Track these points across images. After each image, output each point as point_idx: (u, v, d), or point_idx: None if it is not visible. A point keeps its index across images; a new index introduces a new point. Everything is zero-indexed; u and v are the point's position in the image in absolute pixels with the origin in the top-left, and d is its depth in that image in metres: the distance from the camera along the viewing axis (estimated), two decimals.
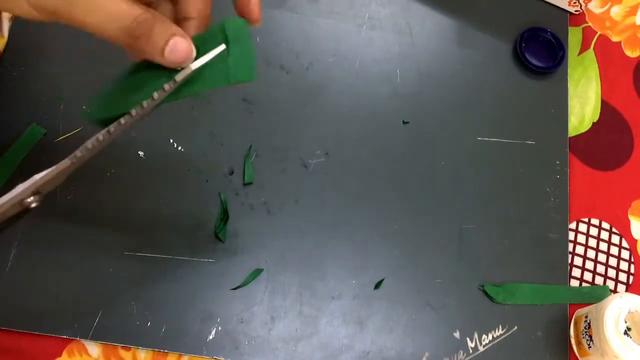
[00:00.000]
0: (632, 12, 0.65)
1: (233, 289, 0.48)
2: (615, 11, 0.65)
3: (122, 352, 0.47)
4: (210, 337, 0.47)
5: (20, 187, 0.32)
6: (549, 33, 0.61)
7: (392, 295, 0.50)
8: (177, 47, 0.27)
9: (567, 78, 0.61)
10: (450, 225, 0.53)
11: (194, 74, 0.29)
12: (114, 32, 0.26)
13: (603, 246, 0.55)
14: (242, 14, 0.31)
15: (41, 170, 0.32)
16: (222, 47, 0.30)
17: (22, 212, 0.33)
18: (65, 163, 0.32)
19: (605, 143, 0.59)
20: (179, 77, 0.29)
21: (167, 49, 0.27)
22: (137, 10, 0.26)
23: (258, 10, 0.31)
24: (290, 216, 0.51)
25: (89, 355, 0.46)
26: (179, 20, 0.31)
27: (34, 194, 0.32)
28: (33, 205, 0.32)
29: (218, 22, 0.31)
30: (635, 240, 0.56)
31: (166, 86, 0.29)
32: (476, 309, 0.51)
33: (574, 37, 0.63)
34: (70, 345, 0.46)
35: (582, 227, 0.56)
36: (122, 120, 0.30)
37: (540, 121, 0.58)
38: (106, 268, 0.48)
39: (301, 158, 0.54)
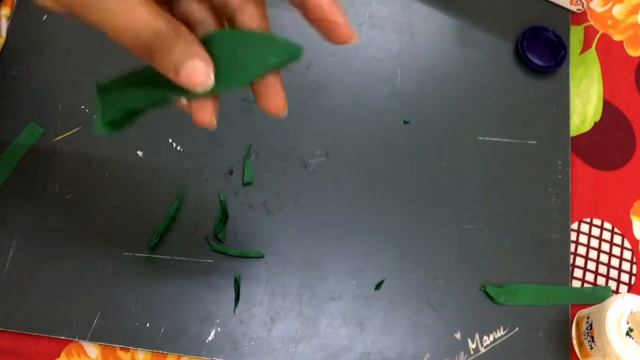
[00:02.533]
0: (634, 11, 0.65)
1: (234, 309, 0.48)
2: (618, 10, 0.65)
3: (121, 353, 0.46)
4: (210, 338, 0.47)
5: None
6: (550, 32, 0.60)
7: (393, 296, 0.50)
8: (195, 71, 0.24)
9: (568, 77, 0.60)
10: (451, 226, 0.53)
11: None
12: (130, 42, 0.24)
13: (605, 247, 0.55)
14: (328, 35, 0.27)
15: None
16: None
17: None
18: None
19: (607, 143, 0.59)
20: None
21: (184, 72, 0.24)
22: (159, 22, 0.23)
23: (345, 29, 0.26)
24: (290, 216, 0.51)
25: (87, 356, 0.46)
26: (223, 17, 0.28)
27: None
28: None
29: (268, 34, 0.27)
30: (638, 241, 0.56)
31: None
32: (477, 310, 0.51)
33: (575, 36, 0.63)
34: (68, 347, 0.46)
35: (584, 228, 0.56)
36: None
37: (542, 121, 0.58)
38: (105, 268, 0.47)
39: (301, 158, 0.53)
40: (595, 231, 0.56)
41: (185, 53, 0.24)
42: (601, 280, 0.54)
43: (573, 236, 0.55)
